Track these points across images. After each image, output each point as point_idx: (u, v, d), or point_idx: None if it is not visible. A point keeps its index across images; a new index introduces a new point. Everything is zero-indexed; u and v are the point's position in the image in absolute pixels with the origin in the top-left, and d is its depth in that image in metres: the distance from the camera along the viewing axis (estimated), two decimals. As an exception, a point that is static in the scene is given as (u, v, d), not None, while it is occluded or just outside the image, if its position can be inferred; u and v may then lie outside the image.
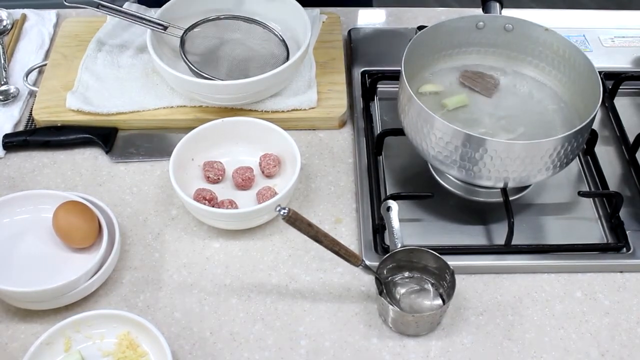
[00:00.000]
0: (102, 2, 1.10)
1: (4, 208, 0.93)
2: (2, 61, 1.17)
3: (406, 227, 0.94)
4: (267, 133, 1.01)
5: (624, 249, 0.94)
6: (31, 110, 1.10)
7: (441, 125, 0.89)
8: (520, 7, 1.31)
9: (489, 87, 1.03)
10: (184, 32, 1.11)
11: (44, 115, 1.08)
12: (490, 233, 0.96)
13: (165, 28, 1.10)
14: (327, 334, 0.87)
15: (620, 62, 1.20)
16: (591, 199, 1.00)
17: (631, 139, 1.06)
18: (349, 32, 1.24)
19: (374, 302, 0.90)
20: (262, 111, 1.08)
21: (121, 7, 1.13)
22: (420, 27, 1.14)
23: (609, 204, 0.98)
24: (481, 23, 1.04)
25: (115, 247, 0.90)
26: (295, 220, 0.82)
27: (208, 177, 1.00)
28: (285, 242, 0.96)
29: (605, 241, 0.96)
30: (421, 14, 1.30)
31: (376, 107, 1.13)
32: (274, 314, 0.89)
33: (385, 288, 0.88)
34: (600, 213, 0.99)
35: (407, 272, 0.90)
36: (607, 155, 1.06)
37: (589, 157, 1.05)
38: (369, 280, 0.91)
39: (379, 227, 0.94)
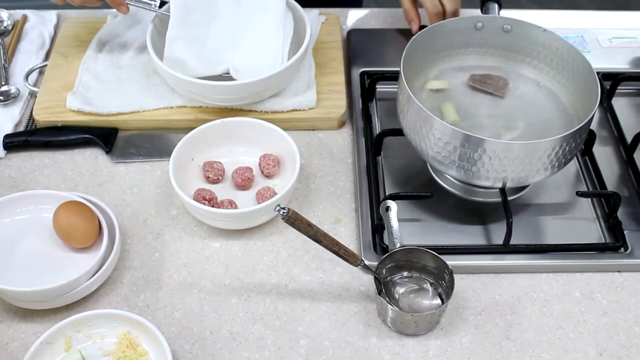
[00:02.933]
0: None
1: (4, 208, 0.93)
2: (3, 62, 1.17)
3: (405, 227, 0.94)
4: (267, 133, 1.02)
5: (622, 248, 0.94)
6: (32, 110, 1.10)
7: (440, 125, 0.89)
8: (518, 7, 1.31)
9: (500, 86, 1.04)
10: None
11: (44, 116, 1.08)
12: (488, 233, 0.97)
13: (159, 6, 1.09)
14: (326, 334, 0.87)
15: (618, 63, 1.20)
16: (589, 199, 1.01)
17: (629, 139, 1.07)
18: (348, 32, 1.25)
19: (373, 302, 0.90)
20: (261, 111, 1.09)
21: None
22: (421, 27, 1.15)
23: (607, 204, 0.98)
24: (480, 24, 1.04)
25: (116, 247, 0.90)
26: (294, 220, 0.82)
27: (208, 177, 1.00)
28: (284, 242, 0.96)
29: (603, 241, 0.96)
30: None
31: (375, 107, 1.13)
32: (273, 313, 0.89)
33: (384, 288, 0.88)
34: (598, 213, 0.99)
35: (406, 272, 0.91)
36: (605, 156, 1.07)
37: (587, 158, 1.05)
38: (368, 280, 0.92)
39: (378, 227, 0.95)
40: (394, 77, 1.02)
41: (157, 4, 1.09)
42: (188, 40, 1.07)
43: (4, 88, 1.14)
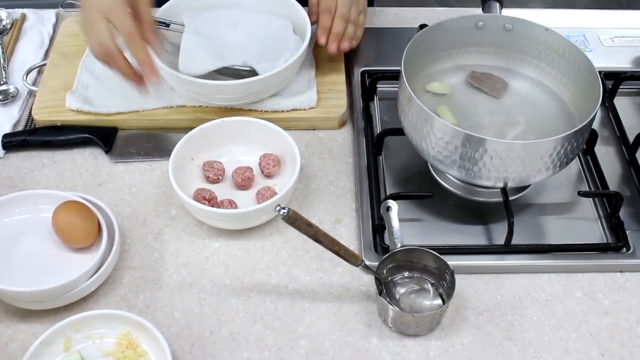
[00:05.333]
0: None
1: (3, 208, 0.93)
2: (2, 61, 1.17)
3: (406, 227, 0.94)
4: (267, 133, 1.01)
5: (624, 248, 0.94)
6: (31, 110, 1.10)
7: (441, 125, 0.89)
8: (520, 6, 1.30)
9: (497, 87, 1.03)
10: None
11: (43, 115, 1.08)
12: (490, 233, 0.96)
13: (167, 25, 1.10)
14: (326, 334, 0.87)
15: (620, 62, 1.20)
16: (591, 198, 1.00)
17: (631, 138, 1.06)
18: (349, 31, 1.24)
19: (374, 302, 0.90)
20: (262, 111, 1.08)
21: None
22: (422, 26, 1.14)
23: (609, 204, 0.98)
24: (481, 23, 1.04)
25: (115, 247, 0.90)
26: (295, 220, 0.82)
27: (208, 177, 1.00)
28: (284, 242, 0.96)
29: (605, 241, 0.96)
30: (421, 13, 1.30)
31: (376, 107, 1.13)
32: (273, 313, 0.89)
33: (385, 288, 0.88)
34: (600, 213, 0.99)
35: (407, 272, 0.90)
36: (607, 155, 1.06)
37: (588, 157, 1.05)
38: (368, 280, 0.91)
39: (379, 227, 0.94)
40: (394, 76, 1.02)
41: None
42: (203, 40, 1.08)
43: (3, 87, 1.13)
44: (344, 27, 1.10)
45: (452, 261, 0.87)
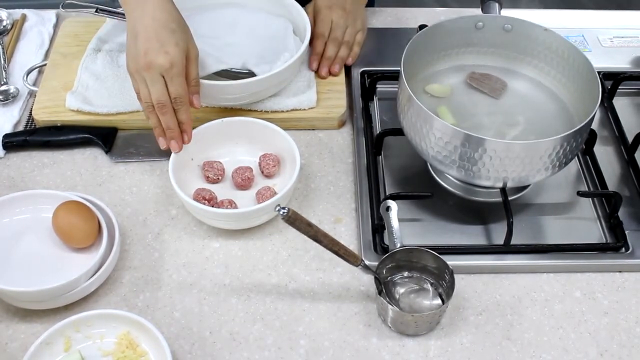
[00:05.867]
0: (100, 6, 1.10)
1: (3, 208, 0.93)
2: (2, 61, 1.17)
3: (405, 226, 0.94)
4: (267, 133, 1.01)
5: (623, 248, 0.94)
6: (31, 110, 1.10)
7: (440, 125, 0.89)
8: (519, 7, 1.31)
9: (496, 87, 1.03)
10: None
11: (43, 115, 1.08)
12: (489, 233, 0.96)
13: None
14: (326, 334, 0.87)
15: (619, 62, 1.20)
16: (590, 198, 1.00)
17: (630, 139, 1.07)
18: (349, 32, 1.24)
19: (374, 302, 0.90)
20: (261, 111, 1.08)
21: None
22: (422, 27, 1.14)
23: (608, 204, 0.98)
24: (480, 23, 1.04)
25: (115, 247, 0.90)
26: (294, 220, 0.82)
27: (208, 177, 1.00)
28: (284, 242, 0.96)
29: (604, 241, 0.96)
30: (420, 14, 1.30)
31: (375, 107, 1.13)
32: (273, 313, 0.89)
33: (384, 288, 0.88)
34: (599, 213, 0.99)
35: (407, 272, 0.90)
36: (606, 155, 1.06)
37: (588, 157, 1.05)
38: (368, 280, 0.92)
39: (379, 227, 0.95)
40: (394, 76, 1.02)
41: None
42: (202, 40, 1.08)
43: (3, 87, 1.13)
44: (336, 51, 1.14)
45: (452, 261, 0.87)
